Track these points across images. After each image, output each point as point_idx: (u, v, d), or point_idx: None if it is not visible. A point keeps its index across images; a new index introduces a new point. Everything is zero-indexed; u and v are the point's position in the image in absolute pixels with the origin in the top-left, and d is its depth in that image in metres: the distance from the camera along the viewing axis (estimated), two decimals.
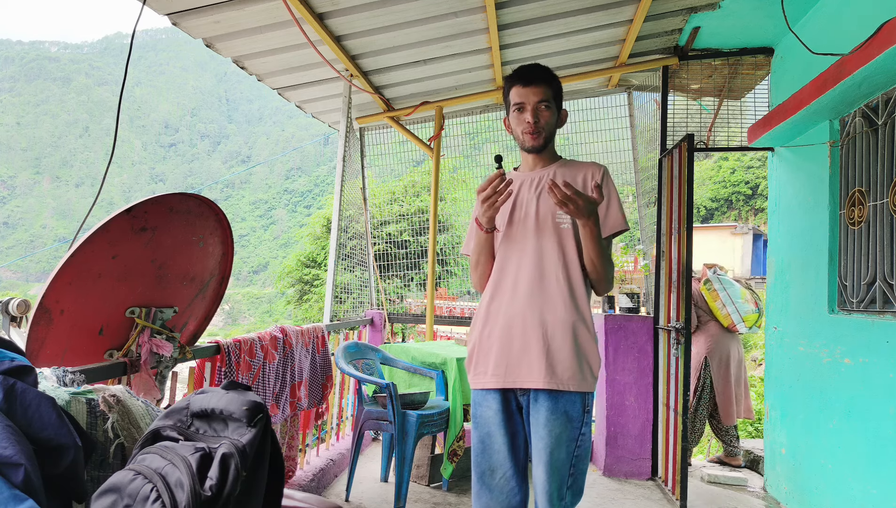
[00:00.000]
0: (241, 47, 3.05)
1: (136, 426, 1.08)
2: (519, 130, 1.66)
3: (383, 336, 4.36)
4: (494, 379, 1.60)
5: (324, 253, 15.35)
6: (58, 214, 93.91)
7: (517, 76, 1.64)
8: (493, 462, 1.60)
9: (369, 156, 4.66)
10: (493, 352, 1.61)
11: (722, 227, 21.17)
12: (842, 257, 2.75)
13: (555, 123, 1.68)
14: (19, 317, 1.51)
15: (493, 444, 1.60)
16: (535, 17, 3.08)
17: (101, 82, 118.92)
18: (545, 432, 1.54)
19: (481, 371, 1.64)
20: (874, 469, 2.36)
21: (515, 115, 1.66)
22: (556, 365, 1.55)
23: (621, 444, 3.55)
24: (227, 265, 1.82)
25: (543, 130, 1.64)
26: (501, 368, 1.59)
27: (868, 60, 2.10)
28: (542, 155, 1.71)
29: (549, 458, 1.54)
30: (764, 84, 3.65)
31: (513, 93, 1.65)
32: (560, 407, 1.55)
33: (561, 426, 1.54)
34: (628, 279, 4.05)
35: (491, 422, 1.61)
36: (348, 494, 2.94)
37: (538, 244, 1.62)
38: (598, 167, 1.69)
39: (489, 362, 1.62)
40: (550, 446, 1.54)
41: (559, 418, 1.54)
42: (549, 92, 1.63)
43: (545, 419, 1.55)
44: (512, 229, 1.65)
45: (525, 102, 1.62)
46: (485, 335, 1.64)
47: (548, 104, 1.63)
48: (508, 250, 1.65)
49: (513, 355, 1.58)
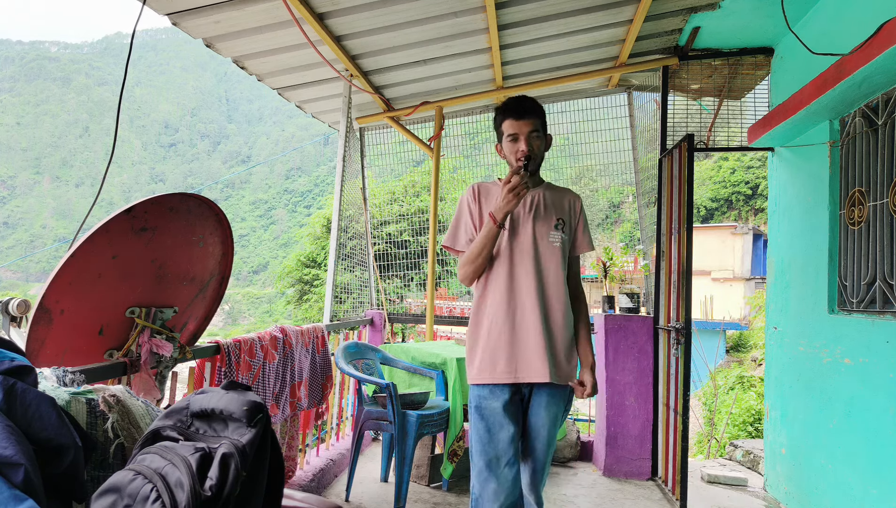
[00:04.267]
0: (241, 47, 3.05)
1: (136, 426, 1.08)
2: (513, 157, 1.85)
3: (383, 336, 4.35)
4: (507, 375, 1.79)
5: (324, 253, 15.35)
6: (58, 214, 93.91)
7: (510, 109, 1.85)
8: (499, 450, 1.76)
9: (369, 156, 4.66)
10: (503, 350, 1.79)
11: (722, 227, 21.17)
12: (842, 257, 2.75)
13: (544, 148, 1.90)
14: (19, 317, 1.51)
15: (502, 433, 1.77)
16: (535, 17, 3.08)
17: (101, 82, 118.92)
18: (545, 412, 1.82)
19: (489, 367, 1.80)
20: (874, 469, 2.36)
21: (509, 143, 1.86)
22: (559, 363, 1.81)
23: (621, 444, 3.55)
24: (227, 265, 1.82)
25: (536, 157, 1.86)
26: (513, 364, 1.79)
27: (868, 60, 2.10)
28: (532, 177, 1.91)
29: (547, 434, 1.83)
30: (764, 84, 3.65)
31: (506, 124, 1.85)
32: (557, 392, 1.84)
33: (556, 408, 1.85)
34: (628, 279, 4.05)
35: (500, 413, 1.78)
36: (348, 494, 2.94)
37: (536, 258, 1.83)
38: (576, 195, 1.97)
39: (499, 358, 1.79)
40: (548, 424, 1.83)
41: (557, 401, 1.84)
42: (539, 122, 1.85)
43: (547, 402, 1.82)
44: (517, 239, 1.85)
45: (518, 133, 1.83)
46: (493, 333, 1.81)
47: (538, 133, 1.85)
48: (512, 257, 1.84)
49: (522, 353, 1.79)
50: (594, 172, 4.89)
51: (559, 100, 4.37)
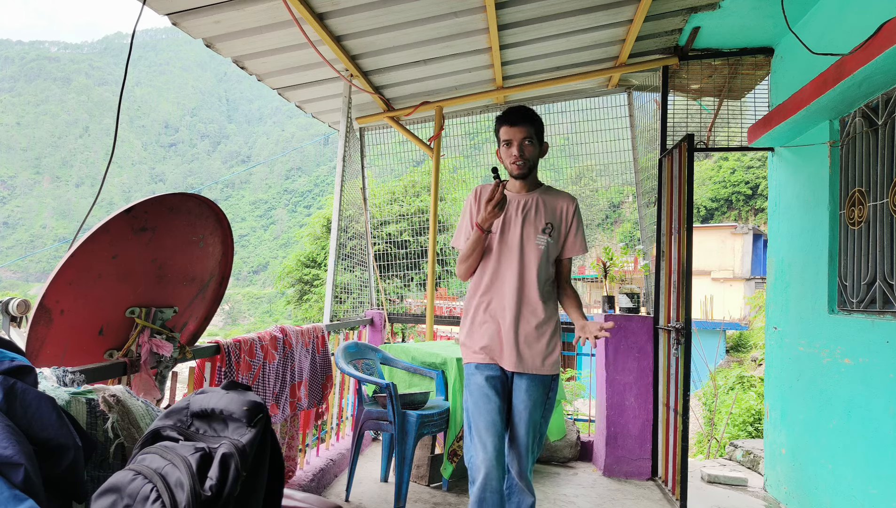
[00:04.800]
0: (241, 47, 3.04)
1: (136, 426, 1.08)
2: (507, 161, 2.03)
3: (383, 336, 4.35)
4: (487, 357, 2.00)
5: (324, 253, 15.34)
6: (58, 214, 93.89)
7: (505, 118, 2.01)
8: (487, 421, 1.93)
9: (369, 156, 4.66)
10: (485, 336, 2.00)
11: (722, 227, 21.17)
12: (842, 257, 2.75)
13: (537, 155, 2.04)
14: (19, 317, 1.51)
15: (487, 405, 1.94)
16: (535, 17, 3.08)
17: (101, 82, 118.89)
18: (526, 396, 1.97)
19: (477, 348, 2.01)
20: (874, 469, 2.36)
21: (504, 149, 2.03)
22: (522, 356, 1.97)
23: (621, 444, 3.55)
24: (227, 265, 1.82)
25: (527, 162, 2.00)
26: (489, 351, 2.00)
27: (868, 60, 2.10)
28: (526, 181, 2.07)
29: (529, 418, 1.97)
30: (764, 84, 3.65)
31: (502, 131, 2.02)
32: (537, 379, 1.99)
33: (538, 393, 1.98)
34: (628, 279, 4.05)
35: (485, 387, 1.96)
36: (348, 494, 2.94)
37: (522, 257, 1.99)
38: (572, 200, 2.08)
39: (482, 342, 2.00)
40: (530, 408, 1.97)
41: (537, 385, 1.99)
42: (532, 130, 1.99)
43: (528, 386, 1.98)
44: (504, 240, 2.02)
45: (512, 139, 1.99)
46: (477, 321, 2.03)
47: (530, 140, 1.99)
48: (499, 257, 2.02)
49: (497, 342, 1.99)
50: (594, 172, 4.89)
51: (559, 100, 4.37)
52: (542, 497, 3.11)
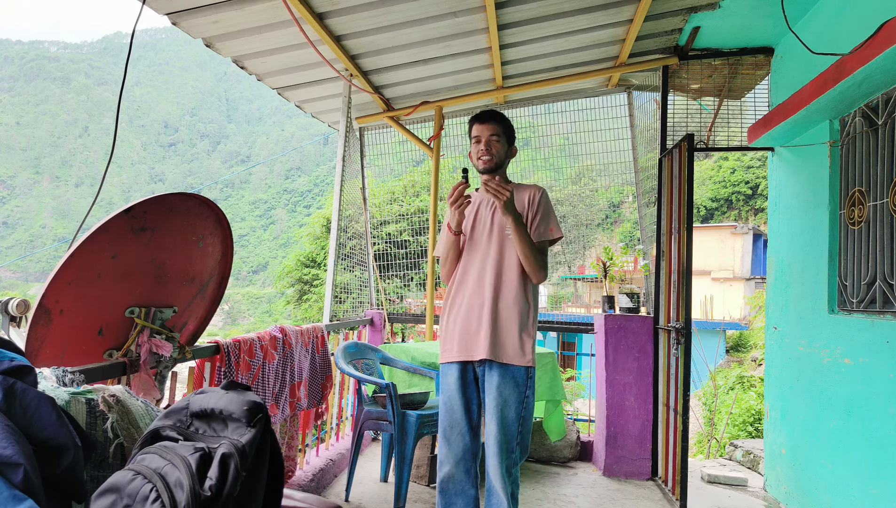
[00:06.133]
0: (240, 47, 3.04)
1: (135, 426, 1.08)
2: (475, 157, 2.11)
3: (383, 336, 4.35)
4: (457, 353, 2.03)
5: (323, 253, 15.35)
6: (57, 214, 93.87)
7: (476, 117, 2.11)
8: (453, 420, 2.01)
9: (369, 156, 4.66)
10: (456, 332, 2.04)
11: (722, 227, 21.18)
12: (842, 257, 2.75)
13: (504, 153, 2.12)
14: (19, 317, 1.51)
15: (454, 405, 2.02)
16: (535, 17, 3.07)
17: (100, 82, 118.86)
18: (496, 393, 1.97)
19: (448, 349, 2.06)
20: (874, 469, 2.36)
21: (474, 145, 2.12)
22: (502, 343, 1.98)
23: (621, 444, 3.55)
24: (226, 265, 1.82)
25: (494, 157, 2.08)
26: (462, 345, 2.02)
27: (868, 60, 2.10)
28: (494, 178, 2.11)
29: (499, 415, 1.96)
30: (764, 84, 3.65)
31: (473, 129, 2.13)
32: (509, 374, 1.98)
33: (509, 390, 1.97)
34: (628, 279, 4.05)
35: (452, 388, 2.03)
36: (348, 494, 2.94)
37: (493, 250, 2.05)
38: (538, 189, 2.14)
39: (454, 340, 2.04)
40: (501, 405, 1.96)
41: (508, 383, 1.97)
42: (500, 128, 2.09)
43: (497, 383, 1.97)
44: (473, 237, 2.11)
45: (480, 136, 2.09)
46: (451, 319, 2.08)
47: (498, 138, 2.09)
48: (470, 254, 2.10)
49: (470, 333, 2.02)
50: (594, 172, 4.89)
51: (559, 100, 4.37)
52: (542, 497, 3.11)
